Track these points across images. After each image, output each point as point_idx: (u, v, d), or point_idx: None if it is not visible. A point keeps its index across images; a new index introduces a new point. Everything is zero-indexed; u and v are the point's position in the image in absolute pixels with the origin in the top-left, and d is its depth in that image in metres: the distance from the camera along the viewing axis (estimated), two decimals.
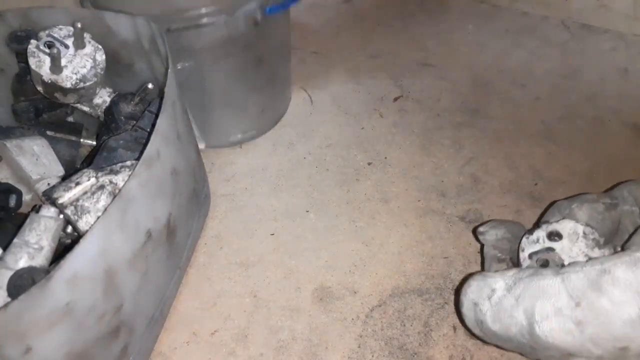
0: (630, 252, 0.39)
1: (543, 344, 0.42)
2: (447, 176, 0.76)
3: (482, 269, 0.62)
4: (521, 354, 0.51)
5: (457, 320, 0.59)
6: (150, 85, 0.60)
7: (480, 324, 0.47)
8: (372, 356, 0.56)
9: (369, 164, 0.78)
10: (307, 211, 0.72)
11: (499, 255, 0.56)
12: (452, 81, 0.93)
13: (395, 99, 0.89)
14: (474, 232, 0.65)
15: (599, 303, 0.38)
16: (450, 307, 0.61)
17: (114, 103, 0.60)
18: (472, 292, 0.48)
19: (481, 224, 0.58)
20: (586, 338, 0.39)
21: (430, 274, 0.64)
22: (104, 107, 0.62)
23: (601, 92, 0.90)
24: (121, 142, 0.54)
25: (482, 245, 0.59)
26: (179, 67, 0.65)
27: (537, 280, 0.43)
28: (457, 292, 0.61)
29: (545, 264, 0.49)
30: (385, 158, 0.79)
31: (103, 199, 0.48)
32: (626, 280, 0.37)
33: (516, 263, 0.53)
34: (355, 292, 0.62)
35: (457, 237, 0.68)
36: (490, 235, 0.56)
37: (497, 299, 0.45)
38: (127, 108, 0.60)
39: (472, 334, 0.51)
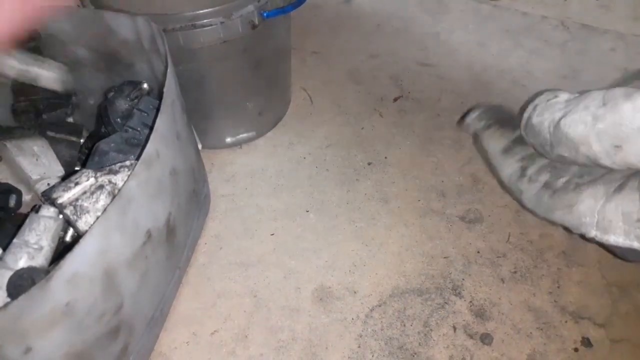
0: None
1: (559, 134, 0.50)
2: (447, 176, 0.76)
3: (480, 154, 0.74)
4: (541, 154, 0.59)
5: (457, 320, 0.59)
6: (145, 85, 0.60)
7: (527, 120, 0.57)
8: (372, 356, 0.56)
9: (369, 164, 0.78)
10: (307, 211, 0.72)
11: (485, 123, 0.68)
12: (452, 81, 0.93)
13: (395, 99, 0.89)
14: (459, 124, 0.79)
15: (622, 105, 0.45)
16: (451, 307, 0.60)
17: (109, 102, 0.60)
18: (540, 98, 0.56)
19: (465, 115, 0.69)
20: (594, 130, 0.47)
21: (430, 274, 0.64)
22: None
23: None
24: (112, 145, 0.53)
25: (475, 137, 0.71)
26: (179, 68, 0.65)
27: (590, 93, 0.50)
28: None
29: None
30: (385, 158, 0.79)
31: (102, 199, 0.48)
32: None
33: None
34: (355, 292, 0.62)
35: (457, 237, 0.68)
36: (470, 117, 0.69)
37: (553, 101, 0.53)
38: (123, 106, 0.60)
39: (525, 137, 0.59)
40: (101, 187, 0.48)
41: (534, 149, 0.59)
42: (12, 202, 0.58)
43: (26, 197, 0.60)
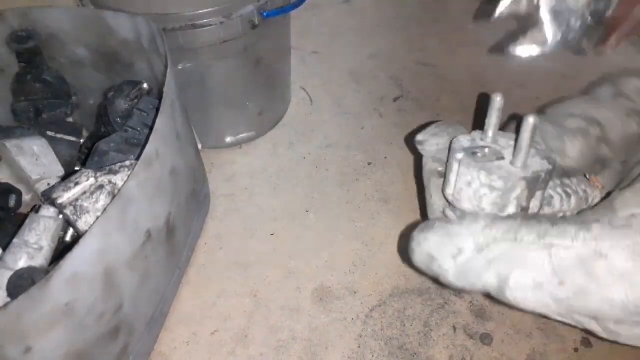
0: (632, 231, 0.33)
1: (509, 304, 0.37)
2: None
3: (418, 184, 0.55)
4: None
5: (457, 320, 0.59)
6: (145, 85, 0.60)
7: (437, 276, 0.41)
8: (372, 356, 0.56)
9: (369, 164, 0.78)
10: (307, 211, 0.72)
11: (440, 169, 0.47)
12: (452, 81, 0.93)
13: (395, 99, 0.89)
14: (408, 141, 0.57)
15: (586, 286, 0.33)
16: (451, 307, 0.60)
17: (109, 102, 0.60)
18: (431, 247, 0.40)
19: (419, 130, 0.48)
20: (561, 310, 0.35)
21: None
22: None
23: None
24: (112, 145, 0.53)
25: (420, 157, 0.49)
26: (179, 68, 0.65)
27: (519, 249, 0.36)
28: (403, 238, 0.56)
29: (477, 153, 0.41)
30: (385, 158, 0.79)
31: (102, 199, 0.48)
32: (624, 269, 0.32)
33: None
34: (355, 292, 0.62)
35: None
36: (431, 145, 0.46)
37: (464, 259, 0.38)
38: (123, 106, 0.60)
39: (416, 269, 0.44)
40: (101, 187, 0.48)
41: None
42: (12, 202, 0.58)
43: (26, 197, 0.60)
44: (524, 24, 0.51)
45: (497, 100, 0.41)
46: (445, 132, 0.46)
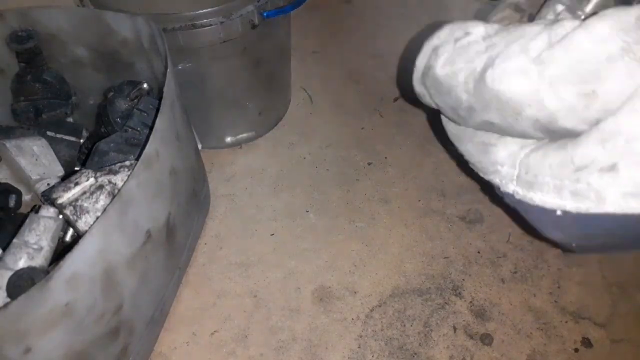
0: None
1: (486, 95, 0.34)
2: (447, 176, 0.76)
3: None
4: (450, 119, 0.43)
5: (457, 320, 0.59)
6: (145, 85, 0.60)
7: (426, 72, 0.40)
8: (372, 356, 0.56)
9: (369, 164, 0.78)
10: (307, 211, 0.72)
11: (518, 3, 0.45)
12: None
13: (395, 99, 0.89)
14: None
15: (577, 38, 0.32)
16: (451, 307, 0.60)
17: (109, 102, 0.60)
18: (440, 36, 0.40)
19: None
20: (544, 80, 0.32)
21: (430, 274, 0.64)
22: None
23: None
24: (112, 145, 0.53)
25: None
26: (179, 68, 0.65)
27: (519, 31, 0.35)
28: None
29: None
30: (385, 158, 0.79)
31: (102, 199, 0.48)
32: (616, 17, 0.31)
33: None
34: (355, 293, 0.62)
35: (457, 237, 0.68)
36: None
37: (465, 42, 0.37)
38: (123, 106, 0.60)
39: (414, 92, 0.43)
40: (101, 187, 0.48)
41: (439, 111, 0.42)
42: (11, 202, 0.58)
43: (26, 197, 0.60)
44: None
45: None
46: None
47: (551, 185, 0.33)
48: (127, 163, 0.51)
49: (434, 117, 0.63)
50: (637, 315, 0.60)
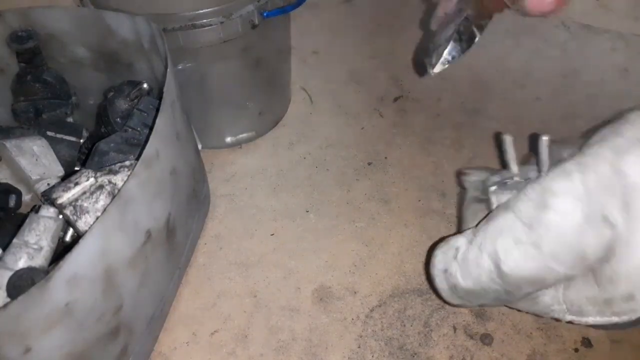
0: (560, 165, 0.41)
1: (513, 281, 0.42)
2: (447, 176, 0.76)
3: (458, 217, 0.64)
4: (504, 305, 0.51)
5: (457, 320, 0.59)
6: (145, 85, 0.60)
7: (454, 289, 0.47)
8: (372, 356, 0.56)
9: (369, 164, 0.78)
10: (307, 211, 0.72)
11: (480, 196, 0.54)
12: (452, 81, 0.93)
13: (395, 99, 0.89)
14: (458, 175, 0.66)
15: (547, 218, 0.40)
16: (451, 307, 0.60)
17: (109, 102, 0.60)
18: (439, 261, 0.48)
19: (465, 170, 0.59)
20: (547, 256, 0.40)
21: None
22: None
23: (601, 92, 0.89)
24: (112, 145, 0.53)
25: (460, 193, 0.59)
26: (179, 68, 0.65)
27: (492, 223, 0.44)
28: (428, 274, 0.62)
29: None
30: (385, 158, 0.79)
31: (102, 199, 0.48)
32: (564, 190, 0.40)
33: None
34: (355, 293, 0.62)
35: None
36: (475, 176, 0.56)
37: (462, 255, 0.45)
38: (123, 106, 0.60)
39: (453, 305, 0.51)
40: (101, 187, 0.48)
41: (483, 306, 0.51)
42: (11, 202, 0.58)
43: (26, 197, 0.60)
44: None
45: (508, 139, 0.51)
46: (487, 170, 0.56)
47: (595, 311, 0.42)
48: (127, 163, 0.51)
49: None
50: None
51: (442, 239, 0.50)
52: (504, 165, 0.54)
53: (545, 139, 0.48)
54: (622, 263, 0.38)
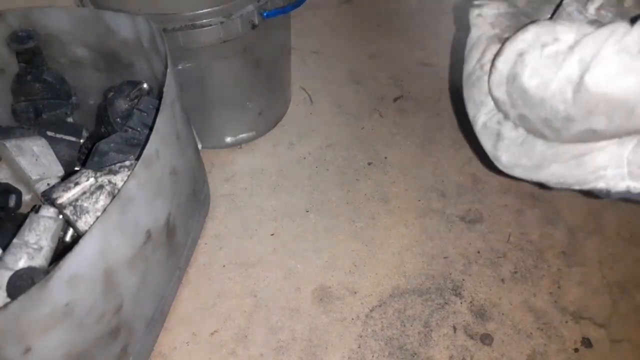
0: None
1: (590, 100, 0.33)
2: (447, 176, 0.76)
3: (456, 61, 0.50)
4: (542, 135, 0.40)
5: (457, 320, 0.59)
6: (145, 85, 0.60)
7: (511, 80, 0.38)
8: (372, 356, 0.56)
9: (369, 164, 0.78)
10: (307, 211, 0.72)
11: (499, 33, 0.43)
12: (452, 81, 0.93)
13: (395, 99, 0.89)
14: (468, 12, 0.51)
15: None
16: (451, 307, 0.60)
17: (109, 102, 0.60)
18: (526, 39, 0.37)
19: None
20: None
21: (430, 274, 0.64)
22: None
23: None
24: (112, 145, 0.53)
25: (466, 30, 0.47)
26: (179, 68, 0.65)
27: (603, 27, 0.34)
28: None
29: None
30: (385, 158, 0.79)
31: (102, 199, 0.48)
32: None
33: None
34: (355, 293, 0.62)
35: (457, 237, 0.68)
36: (490, 9, 0.44)
37: (553, 50, 0.36)
38: (123, 106, 0.60)
39: (492, 95, 0.41)
40: (101, 187, 0.48)
41: (523, 129, 0.40)
42: (11, 202, 0.58)
43: (26, 197, 0.60)
44: None
45: None
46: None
47: None
48: (127, 163, 0.51)
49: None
50: (637, 315, 0.60)
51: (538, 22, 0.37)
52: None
53: None
54: None
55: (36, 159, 0.59)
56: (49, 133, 0.63)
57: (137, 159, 0.44)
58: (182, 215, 0.57)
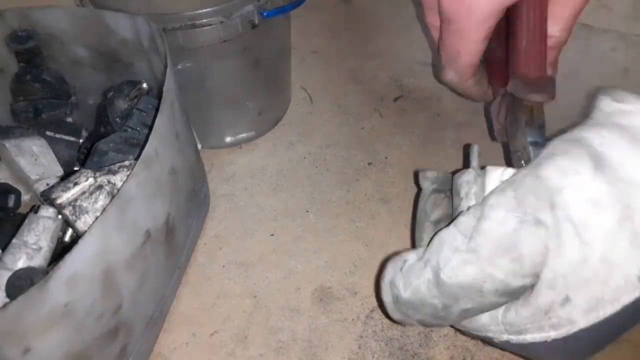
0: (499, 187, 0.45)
1: (450, 290, 0.43)
2: None
3: (413, 215, 0.64)
4: (439, 325, 0.51)
5: None
6: (144, 85, 0.60)
7: (396, 301, 0.48)
8: (373, 357, 0.56)
9: (369, 164, 0.78)
10: (307, 211, 0.71)
11: (437, 187, 0.55)
12: None
13: (396, 99, 0.89)
14: (415, 175, 0.66)
15: (484, 227, 0.42)
16: None
17: (108, 102, 0.60)
18: (388, 273, 0.49)
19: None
20: (483, 260, 0.41)
21: None
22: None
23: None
24: (111, 144, 0.53)
25: (418, 193, 0.59)
26: (179, 67, 0.65)
27: (437, 237, 0.46)
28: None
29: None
30: (386, 158, 0.79)
31: (101, 199, 0.48)
32: (498, 203, 0.43)
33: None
34: (355, 293, 0.62)
35: None
36: (432, 173, 0.56)
37: (408, 266, 0.47)
38: (122, 106, 0.60)
39: (396, 321, 0.51)
40: (100, 187, 0.48)
41: (422, 324, 0.49)
42: (10, 202, 0.57)
43: (25, 197, 0.60)
44: None
45: (475, 148, 0.52)
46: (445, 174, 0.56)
47: (534, 328, 0.42)
48: (127, 163, 0.51)
49: None
50: None
51: (395, 254, 0.50)
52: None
53: (476, 146, 0.52)
54: (557, 261, 0.40)
55: (35, 159, 0.59)
56: (48, 133, 0.63)
57: (137, 158, 0.44)
58: (182, 215, 0.57)
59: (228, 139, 0.80)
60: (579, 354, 0.46)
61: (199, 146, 0.69)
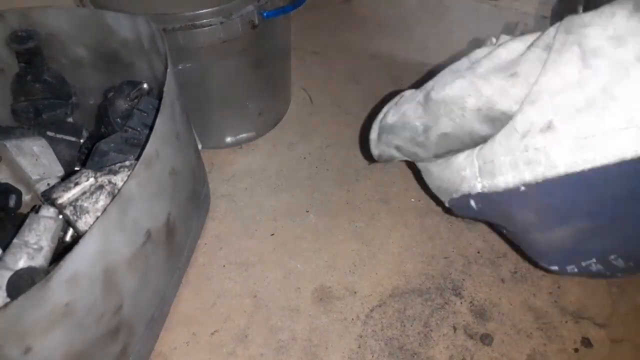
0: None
1: (434, 108, 0.43)
2: None
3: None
4: (415, 156, 0.51)
5: (457, 320, 0.59)
6: (145, 85, 0.60)
7: (381, 131, 0.49)
8: (372, 356, 0.56)
9: (369, 164, 0.78)
10: (307, 211, 0.72)
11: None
12: None
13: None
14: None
15: (495, 52, 0.42)
16: (451, 307, 0.60)
17: (109, 102, 0.60)
18: (382, 110, 0.51)
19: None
20: (477, 76, 0.41)
21: (430, 274, 0.64)
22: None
23: None
24: (112, 145, 0.53)
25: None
26: (179, 68, 0.65)
27: (447, 67, 0.46)
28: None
29: None
30: None
31: (102, 199, 0.48)
32: (523, 37, 0.43)
33: None
34: (355, 293, 0.62)
35: (457, 237, 0.68)
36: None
37: (403, 98, 0.48)
38: (123, 106, 0.60)
39: (374, 158, 0.53)
40: (101, 187, 0.48)
41: (399, 152, 0.49)
42: (11, 202, 0.58)
43: (26, 197, 0.60)
44: None
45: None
46: None
47: (507, 162, 0.39)
48: (127, 163, 0.51)
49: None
50: (637, 315, 0.60)
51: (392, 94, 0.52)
52: None
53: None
54: (548, 75, 0.38)
55: (36, 159, 0.59)
56: (49, 133, 0.63)
57: (137, 159, 0.44)
58: (182, 215, 0.57)
59: (228, 139, 0.80)
60: (555, 218, 0.40)
61: (200, 146, 0.69)
